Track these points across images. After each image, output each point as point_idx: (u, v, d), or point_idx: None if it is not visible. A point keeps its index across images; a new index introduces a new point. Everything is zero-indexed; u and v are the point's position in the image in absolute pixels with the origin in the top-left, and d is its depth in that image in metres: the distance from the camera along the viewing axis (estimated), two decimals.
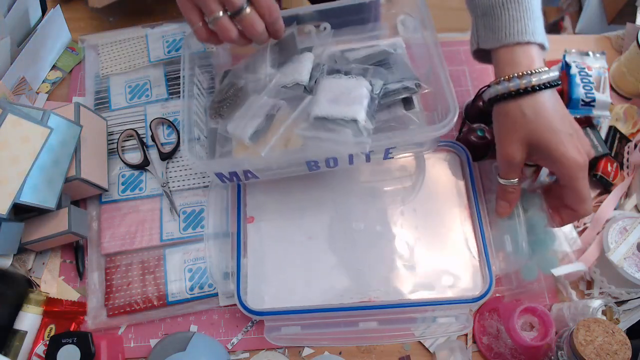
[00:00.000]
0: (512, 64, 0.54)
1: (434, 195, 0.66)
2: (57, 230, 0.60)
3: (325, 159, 0.57)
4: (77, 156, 0.61)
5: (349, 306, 0.59)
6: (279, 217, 0.65)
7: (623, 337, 0.50)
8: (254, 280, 0.61)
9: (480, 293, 0.59)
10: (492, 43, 0.56)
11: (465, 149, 0.67)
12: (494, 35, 0.55)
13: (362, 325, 0.59)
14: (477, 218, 0.63)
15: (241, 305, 0.58)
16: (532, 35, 0.54)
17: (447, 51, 0.79)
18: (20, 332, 0.58)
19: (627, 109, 0.72)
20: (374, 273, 0.61)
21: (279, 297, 0.60)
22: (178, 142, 0.69)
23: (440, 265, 0.61)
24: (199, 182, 0.67)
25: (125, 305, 0.61)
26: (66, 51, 0.78)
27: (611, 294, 0.62)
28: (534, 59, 0.54)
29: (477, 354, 0.61)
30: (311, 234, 0.63)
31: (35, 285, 0.63)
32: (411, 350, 0.61)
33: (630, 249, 0.60)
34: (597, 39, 0.82)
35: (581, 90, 0.69)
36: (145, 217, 0.66)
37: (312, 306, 0.59)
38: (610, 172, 0.67)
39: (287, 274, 0.62)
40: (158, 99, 0.73)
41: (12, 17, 0.67)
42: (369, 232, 0.64)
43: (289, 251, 0.63)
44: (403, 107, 0.60)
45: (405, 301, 0.59)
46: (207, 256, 0.60)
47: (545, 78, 0.53)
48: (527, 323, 0.59)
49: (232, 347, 0.61)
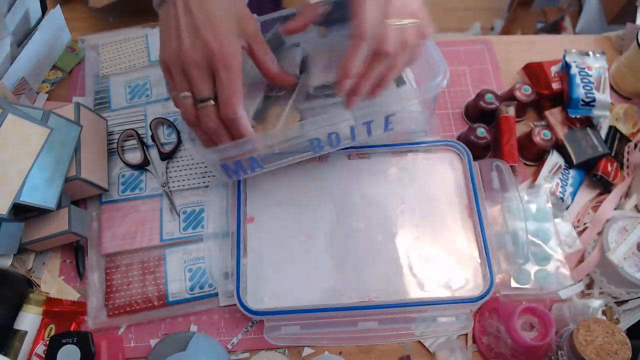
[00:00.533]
0: None
1: (434, 195, 0.66)
2: (57, 230, 0.60)
3: (327, 135, 0.58)
4: (77, 156, 0.61)
5: (349, 306, 0.59)
6: (278, 217, 0.65)
7: (623, 337, 0.50)
8: (253, 280, 0.61)
9: (481, 293, 0.59)
10: None
11: (466, 148, 0.67)
12: None
13: (362, 325, 0.59)
14: (477, 217, 0.63)
15: (241, 305, 0.58)
16: None
17: (447, 51, 0.79)
18: (21, 332, 0.58)
19: (627, 109, 0.72)
20: (373, 273, 0.61)
21: (279, 296, 0.60)
22: (178, 142, 0.69)
23: (441, 265, 0.61)
24: (199, 182, 0.67)
25: (125, 305, 0.61)
26: (66, 51, 0.78)
27: (611, 294, 0.62)
28: None
29: (477, 354, 0.61)
30: (311, 234, 0.63)
31: (35, 285, 0.63)
32: (411, 350, 0.61)
33: (630, 249, 0.60)
34: (597, 39, 0.82)
35: (581, 90, 0.69)
36: (145, 217, 0.66)
37: (311, 306, 0.59)
38: (610, 172, 0.67)
39: (287, 273, 0.62)
40: (158, 99, 0.73)
41: (12, 17, 0.67)
42: (368, 232, 0.64)
43: (289, 251, 0.63)
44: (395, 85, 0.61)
45: (405, 301, 0.59)
46: (207, 256, 0.60)
47: None
48: (527, 323, 0.59)
49: (232, 347, 0.61)
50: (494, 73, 0.78)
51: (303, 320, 0.59)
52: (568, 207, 0.67)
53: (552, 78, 0.72)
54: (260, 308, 0.59)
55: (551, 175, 0.68)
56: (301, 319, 0.59)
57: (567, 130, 0.70)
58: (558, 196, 0.66)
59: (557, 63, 0.73)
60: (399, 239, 0.63)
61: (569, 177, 0.68)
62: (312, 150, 0.60)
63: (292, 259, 0.62)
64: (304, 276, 0.61)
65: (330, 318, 0.60)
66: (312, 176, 0.67)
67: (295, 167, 0.67)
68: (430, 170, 0.67)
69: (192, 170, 0.68)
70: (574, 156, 0.68)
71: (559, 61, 0.73)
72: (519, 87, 0.71)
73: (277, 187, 0.66)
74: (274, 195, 0.66)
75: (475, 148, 0.67)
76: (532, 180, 0.68)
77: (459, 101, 0.76)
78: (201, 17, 0.47)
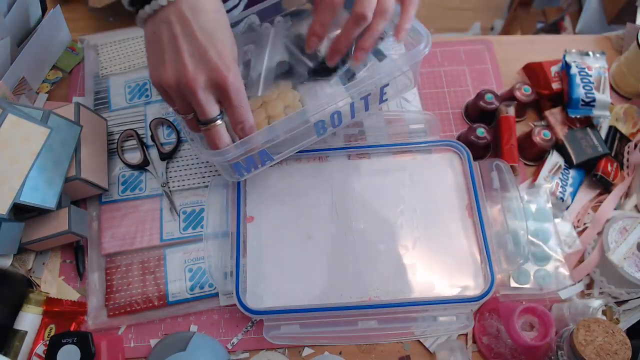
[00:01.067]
0: None
1: (434, 195, 0.66)
2: (57, 230, 0.60)
3: (330, 116, 0.59)
4: (77, 156, 0.61)
5: (348, 305, 0.59)
6: (278, 216, 0.65)
7: (623, 337, 0.50)
8: (253, 279, 0.61)
9: (482, 292, 0.59)
10: None
11: (466, 148, 0.67)
12: None
13: (362, 324, 0.59)
14: (478, 217, 0.63)
15: (240, 304, 0.58)
16: None
17: (447, 51, 0.79)
18: (21, 332, 0.58)
19: (627, 109, 0.72)
20: (373, 272, 0.61)
21: (278, 296, 0.60)
22: (178, 142, 0.69)
23: (441, 264, 0.61)
24: (199, 182, 0.67)
25: (125, 305, 0.61)
26: (66, 51, 0.78)
27: (611, 294, 0.62)
28: None
29: (477, 354, 0.61)
30: (310, 234, 0.63)
31: (35, 285, 0.63)
32: (411, 350, 0.61)
33: (630, 249, 0.60)
34: (597, 39, 0.82)
35: (581, 90, 0.69)
36: (145, 217, 0.66)
37: (311, 305, 0.59)
38: (610, 172, 0.67)
39: (287, 273, 0.62)
40: (158, 99, 0.73)
41: (12, 17, 0.67)
42: (368, 232, 0.64)
43: (289, 250, 0.63)
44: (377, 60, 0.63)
45: (405, 300, 0.59)
46: (207, 256, 0.60)
47: None
48: (527, 323, 0.59)
49: (232, 347, 0.61)
50: (494, 73, 0.78)
51: (303, 320, 0.59)
52: (568, 207, 0.67)
53: (552, 78, 0.72)
54: (259, 307, 0.59)
55: (551, 175, 0.68)
56: (301, 318, 0.59)
57: (567, 130, 0.70)
58: (558, 196, 0.66)
59: (557, 63, 0.73)
60: (399, 238, 0.63)
61: (569, 177, 0.68)
62: (316, 133, 0.61)
63: (292, 258, 0.62)
64: (303, 275, 0.61)
65: (330, 317, 0.59)
66: (312, 176, 0.67)
67: (295, 167, 0.67)
68: (430, 170, 0.67)
69: (192, 170, 0.68)
70: (574, 156, 0.68)
71: (559, 61, 0.73)
72: (519, 87, 0.71)
73: (277, 187, 0.66)
74: (274, 195, 0.66)
75: (475, 148, 0.67)
76: (532, 180, 0.68)
77: (459, 101, 0.76)
78: (205, 41, 0.47)
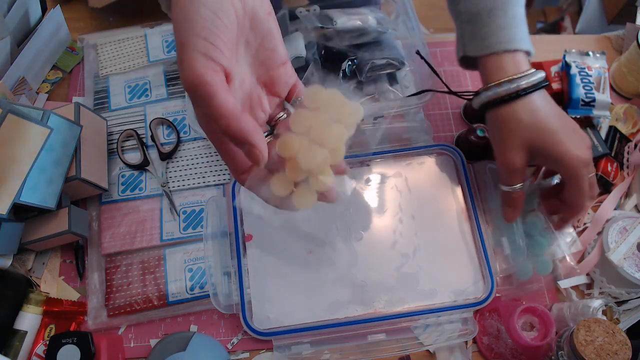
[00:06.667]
0: (500, 70, 0.54)
1: (431, 200, 0.65)
2: (57, 230, 0.60)
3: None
4: (77, 156, 0.61)
5: (355, 319, 0.59)
6: (276, 233, 0.64)
7: (623, 337, 0.50)
8: (257, 300, 0.60)
9: (483, 296, 0.59)
10: (479, 50, 0.55)
11: (459, 151, 0.67)
12: (481, 43, 0.55)
13: (371, 338, 0.59)
14: (475, 220, 0.63)
15: (248, 327, 0.58)
16: (520, 42, 0.54)
17: (447, 51, 0.79)
18: (21, 332, 0.58)
19: (627, 109, 0.72)
20: (376, 283, 0.61)
21: (284, 314, 0.60)
22: (178, 142, 0.69)
23: (442, 270, 0.61)
24: (199, 182, 0.67)
25: (125, 305, 0.61)
26: (66, 51, 0.78)
27: (611, 294, 0.62)
28: (521, 64, 0.54)
29: (477, 354, 0.61)
30: (311, 249, 0.63)
31: (35, 285, 0.63)
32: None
33: (630, 249, 0.60)
34: (597, 39, 0.82)
35: (581, 90, 0.69)
36: (145, 217, 0.66)
37: (319, 322, 0.59)
38: (610, 172, 0.67)
39: (290, 290, 0.61)
40: (158, 99, 0.73)
41: (12, 17, 0.67)
42: (368, 243, 0.63)
43: (290, 267, 0.62)
44: (388, 83, 0.65)
45: (411, 310, 0.59)
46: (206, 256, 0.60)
47: (534, 80, 0.52)
48: (527, 323, 0.59)
49: (232, 347, 0.61)
50: None
51: (312, 337, 0.59)
52: None
53: (552, 78, 0.72)
54: (266, 327, 0.59)
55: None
56: (310, 336, 0.59)
57: None
58: None
59: (557, 63, 0.73)
60: (399, 247, 0.63)
61: None
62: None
63: (294, 274, 0.62)
64: (307, 291, 0.61)
65: (338, 333, 0.59)
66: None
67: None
68: (426, 175, 0.67)
69: (191, 170, 0.68)
70: None
71: (559, 61, 0.73)
72: None
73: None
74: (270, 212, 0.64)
75: (474, 148, 0.67)
76: (532, 181, 0.68)
77: (458, 101, 0.75)
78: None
